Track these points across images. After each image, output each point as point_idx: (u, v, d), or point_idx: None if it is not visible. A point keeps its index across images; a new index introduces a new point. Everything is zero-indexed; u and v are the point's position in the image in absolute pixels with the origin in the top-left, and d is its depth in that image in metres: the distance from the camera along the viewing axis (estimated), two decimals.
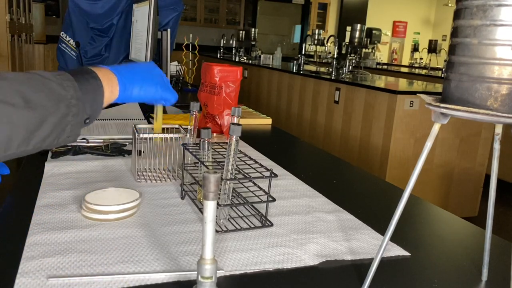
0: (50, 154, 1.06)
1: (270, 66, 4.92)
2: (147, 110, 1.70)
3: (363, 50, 5.13)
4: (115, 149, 1.13)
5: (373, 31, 4.95)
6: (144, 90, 0.70)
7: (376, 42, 5.01)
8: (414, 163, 0.52)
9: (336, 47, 4.33)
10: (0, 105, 0.49)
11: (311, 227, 0.77)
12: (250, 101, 5.10)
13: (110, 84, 0.65)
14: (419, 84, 3.87)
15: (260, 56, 5.76)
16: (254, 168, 0.82)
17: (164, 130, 1.02)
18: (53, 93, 0.54)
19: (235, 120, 0.88)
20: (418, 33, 10.16)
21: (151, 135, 0.97)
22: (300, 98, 4.12)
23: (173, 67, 2.51)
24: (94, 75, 0.62)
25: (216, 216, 0.62)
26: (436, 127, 0.52)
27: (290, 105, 4.30)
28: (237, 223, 0.76)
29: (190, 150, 0.88)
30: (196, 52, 2.77)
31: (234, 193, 0.84)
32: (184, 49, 2.75)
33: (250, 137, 1.43)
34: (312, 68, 5.13)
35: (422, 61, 7.15)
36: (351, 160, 3.30)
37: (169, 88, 0.75)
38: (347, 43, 4.58)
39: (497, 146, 0.60)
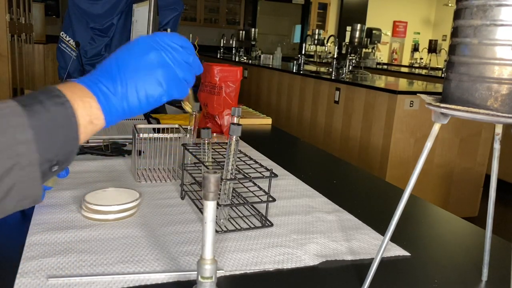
0: None
1: (270, 66, 4.92)
2: None
3: (363, 50, 5.13)
4: (115, 149, 1.13)
5: (373, 31, 4.95)
6: (144, 100, 0.49)
7: (376, 42, 5.01)
8: (414, 163, 0.52)
9: (336, 47, 4.33)
10: None
11: (311, 227, 0.77)
12: (250, 101, 5.10)
13: (88, 108, 0.46)
14: (419, 84, 3.87)
15: (260, 56, 5.76)
16: (254, 168, 0.82)
17: (164, 130, 1.02)
18: None
19: (235, 120, 0.87)
20: (418, 33, 10.16)
21: (151, 135, 0.97)
22: (300, 98, 4.12)
23: None
24: (57, 100, 0.43)
25: (216, 216, 0.62)
26: (436, 127, 0.52)
27: (290, 105, 4.30)
28: (237, 223, 0.76)
29: (190, 150, 0.88)
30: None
31: (234, 193, 0.84)
32: None
33: (250, 137, 1.43)
34: (312, 68, 5.13)
35: (422, 61, 7.15)
36: (351, 160, 3.30)
37: (175, 77, 0.51)
38: (347, 43, 4.58)
39: (497, 146, 0.60)
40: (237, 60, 6.00)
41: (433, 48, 6.24)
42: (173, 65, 0.51)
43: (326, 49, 6.11)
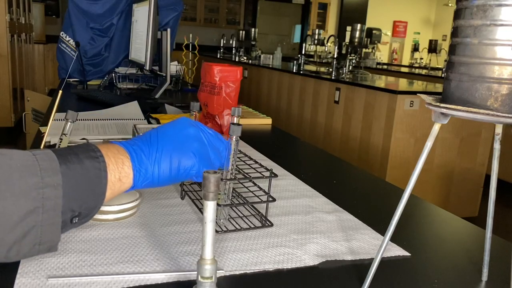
0: None
1: (270, 66, 4.92)
2: (147, 110, 1.70)
3: (363, 50, 5.13)
4: None
5: (373, 31, 4.95)
6: (175, 169, 0.53)
7: (376, 42, 5.02)
8: (414, 163, 0.52)
9: (336, 47, 4.33)
10: None
11: (311, 227, 0.77)
12: (250, 101, 5.10)
13: (120, 165, 0.49)
14: (419, 84, 3.88)
15: (260, 56, 5.76)
16: (254, 168, 0.82)
17: None
18: (14, 175, 0.38)
19: (235, 120, 0.88)
20: (418, 33, 10.16)
21: None
22: (300, 98, 4.12)
23: (173, 67, 2.51)
24: (92, 154, 0.46)
25: (216, 216, 0.62)
26: (436, 127, 0.52)
27: (290, 105, 4.30)
28: (237, 223, 0.76)
29: None
30: (196, 52, 2.77)
31: (234, 193, 0.84)
32: (184, 49, 2.76)
33: (250, 137, 1.43)
34: (312, 68, 5.14)
35: (422, 61, 7.15)
36: (351, 160, 3.30)
37: (207, 155, 0.57)
38: (347, 43, 4.59)
39: (497, 146, 0.59)
40: (237, 60, 6.00)
41: (433, 48, 6.25)
42: (207, 144, 0.57)
43: (326, 49, 6.11)
